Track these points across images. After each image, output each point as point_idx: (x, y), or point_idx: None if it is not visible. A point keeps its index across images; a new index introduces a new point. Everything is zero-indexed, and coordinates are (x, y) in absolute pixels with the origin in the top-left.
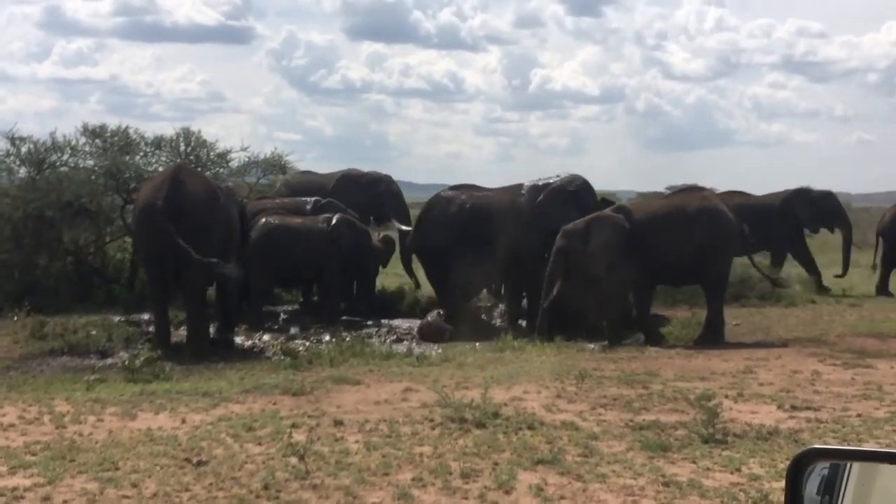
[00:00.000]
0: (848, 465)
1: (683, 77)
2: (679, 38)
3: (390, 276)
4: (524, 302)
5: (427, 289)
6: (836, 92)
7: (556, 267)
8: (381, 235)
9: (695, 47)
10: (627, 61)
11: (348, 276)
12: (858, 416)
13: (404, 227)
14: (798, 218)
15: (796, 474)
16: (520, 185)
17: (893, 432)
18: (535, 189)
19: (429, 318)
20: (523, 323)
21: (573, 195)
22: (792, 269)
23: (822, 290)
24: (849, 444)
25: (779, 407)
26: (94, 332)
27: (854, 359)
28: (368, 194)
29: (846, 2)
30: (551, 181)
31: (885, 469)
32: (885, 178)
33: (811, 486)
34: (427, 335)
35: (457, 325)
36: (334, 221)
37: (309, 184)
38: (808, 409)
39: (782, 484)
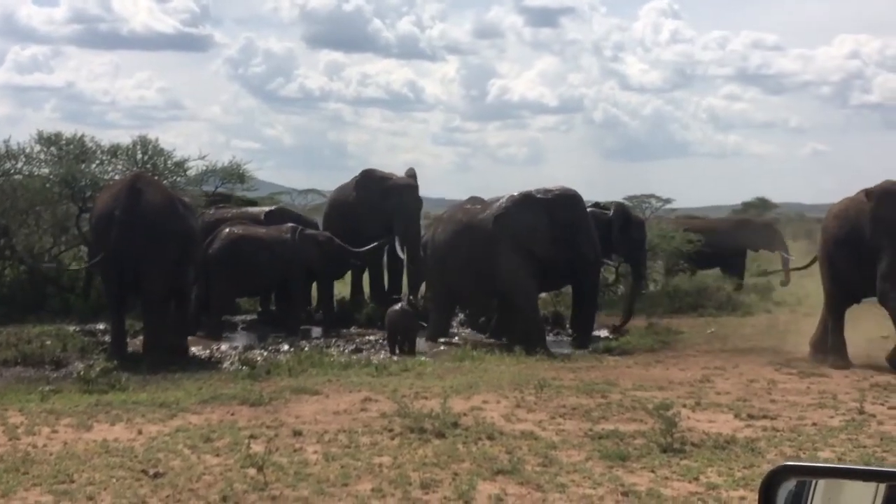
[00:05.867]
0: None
1: (640, 88)
2: (636, 50)
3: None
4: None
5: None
6: (790, 104)
7: None
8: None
9: (651, 59)
10: (585, 72)
11: (310, 286)
12: (814, 424)
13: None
14: None
15: (768, 491)
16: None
17: (848, 441)
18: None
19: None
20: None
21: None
22: (747, 279)
23: None
24: (822, 462)
25: (736, 416)
26: (48, 342)
27: (809, 368)
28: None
29: (799, 15)
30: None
31: (851, 483)
32: (838, 189)
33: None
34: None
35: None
36: (298, 231)
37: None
38: (764, 417)
39: (740, 493)
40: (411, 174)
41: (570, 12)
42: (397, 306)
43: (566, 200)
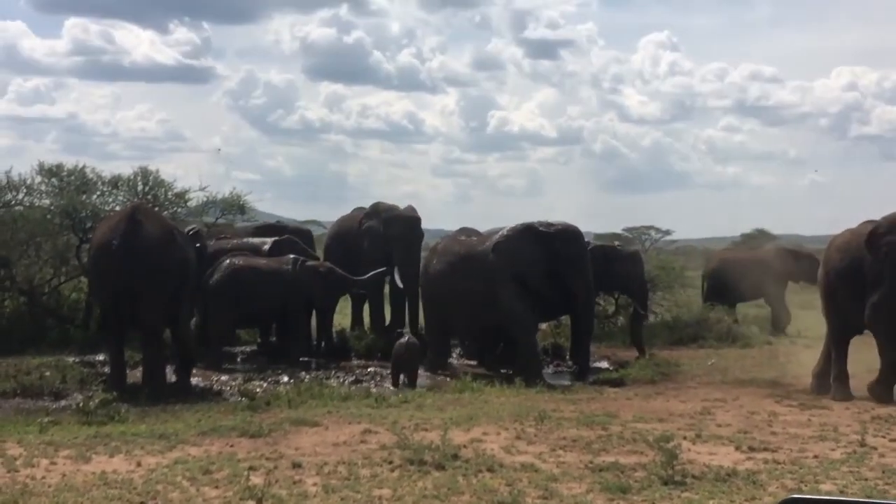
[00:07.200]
0: None
1: (640, 120)
2: (635, 82)
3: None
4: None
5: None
6: (789, 135)
7: None
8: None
9: (650, 91)
10: (584, 104)
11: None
12: (815, 457)
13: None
14: None
15: None
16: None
17: (850, 473)
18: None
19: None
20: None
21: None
22: (750, 309)
23: None
24: (827, 495)
25: (737, 448)
26: (47, 374)
27: (810, 400)
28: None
29: (797, 47)
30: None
31: None
32: (837, 220)
33: None
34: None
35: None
36: (299, 263)
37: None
38: (765, 450)
39: None
40: (411, 209)
41: (569, 45)
42: (404, 339)
43: (566, 236)
